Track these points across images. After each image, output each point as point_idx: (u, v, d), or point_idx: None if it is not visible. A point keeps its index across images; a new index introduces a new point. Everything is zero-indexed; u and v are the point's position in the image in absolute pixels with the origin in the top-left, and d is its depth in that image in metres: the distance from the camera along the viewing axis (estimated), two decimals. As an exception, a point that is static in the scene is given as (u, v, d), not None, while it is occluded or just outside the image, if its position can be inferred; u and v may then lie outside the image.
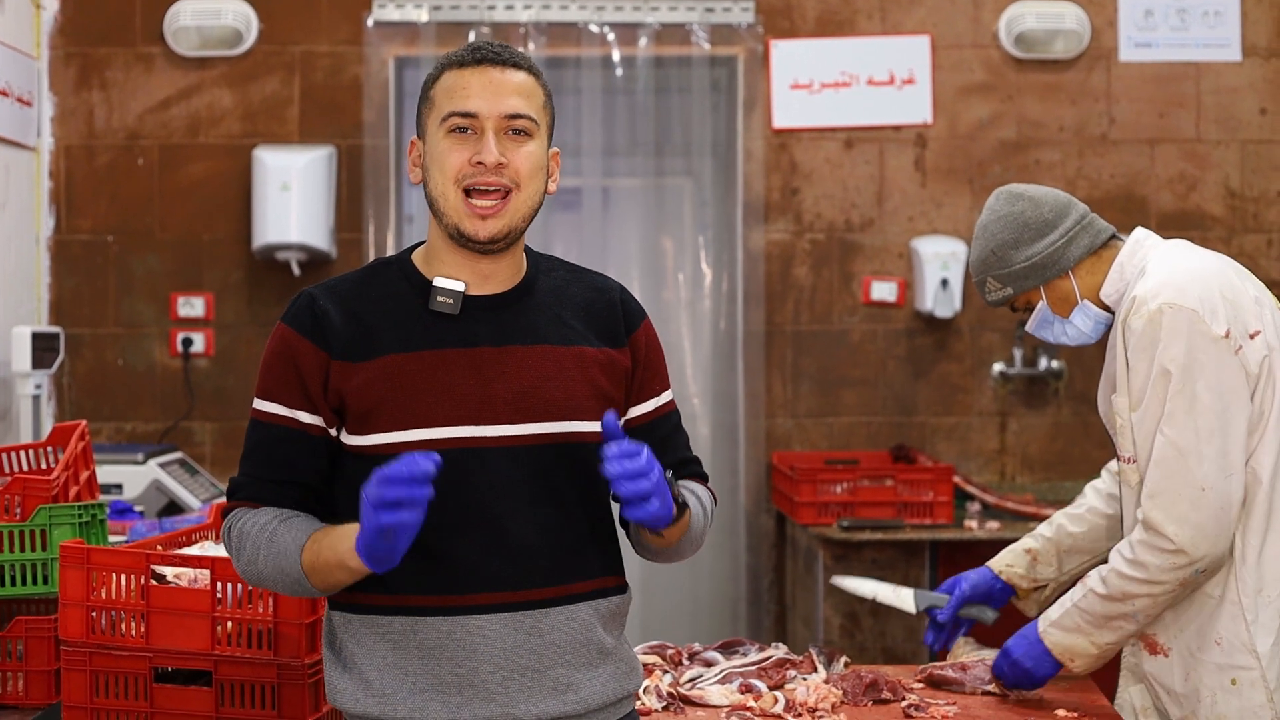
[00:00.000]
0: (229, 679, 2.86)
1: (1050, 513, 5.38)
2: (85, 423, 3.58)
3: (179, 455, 5.51)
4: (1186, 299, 2.86)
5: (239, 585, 2.86)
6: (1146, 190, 6.10)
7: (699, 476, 2.57)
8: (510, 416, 2.33)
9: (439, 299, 2.37)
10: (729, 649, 3.47)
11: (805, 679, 3.24)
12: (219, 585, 2.86)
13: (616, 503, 2.27)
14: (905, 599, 3.38)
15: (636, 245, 6.20)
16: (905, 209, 6.07)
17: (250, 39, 5.93)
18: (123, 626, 2.90)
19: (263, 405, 2.37)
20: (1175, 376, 2.83)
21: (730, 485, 6.01)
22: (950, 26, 6.07)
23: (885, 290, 6.07)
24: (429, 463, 2.09)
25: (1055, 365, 6.03)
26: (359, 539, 2.17)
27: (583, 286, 2.50)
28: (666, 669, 3.31)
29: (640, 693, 3.09)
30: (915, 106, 6.07)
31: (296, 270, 5.82)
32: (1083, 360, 6.04)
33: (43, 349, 5.35)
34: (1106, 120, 6.10)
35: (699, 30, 6.03)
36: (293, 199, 5.70)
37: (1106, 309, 3.06)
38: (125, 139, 5.95)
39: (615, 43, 6.04)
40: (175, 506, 5.14)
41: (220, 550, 3.13)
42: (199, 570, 2.93)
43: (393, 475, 2.10)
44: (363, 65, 5.97)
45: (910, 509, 5.28)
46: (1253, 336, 2.87)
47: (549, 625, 2.34)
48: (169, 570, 2.95)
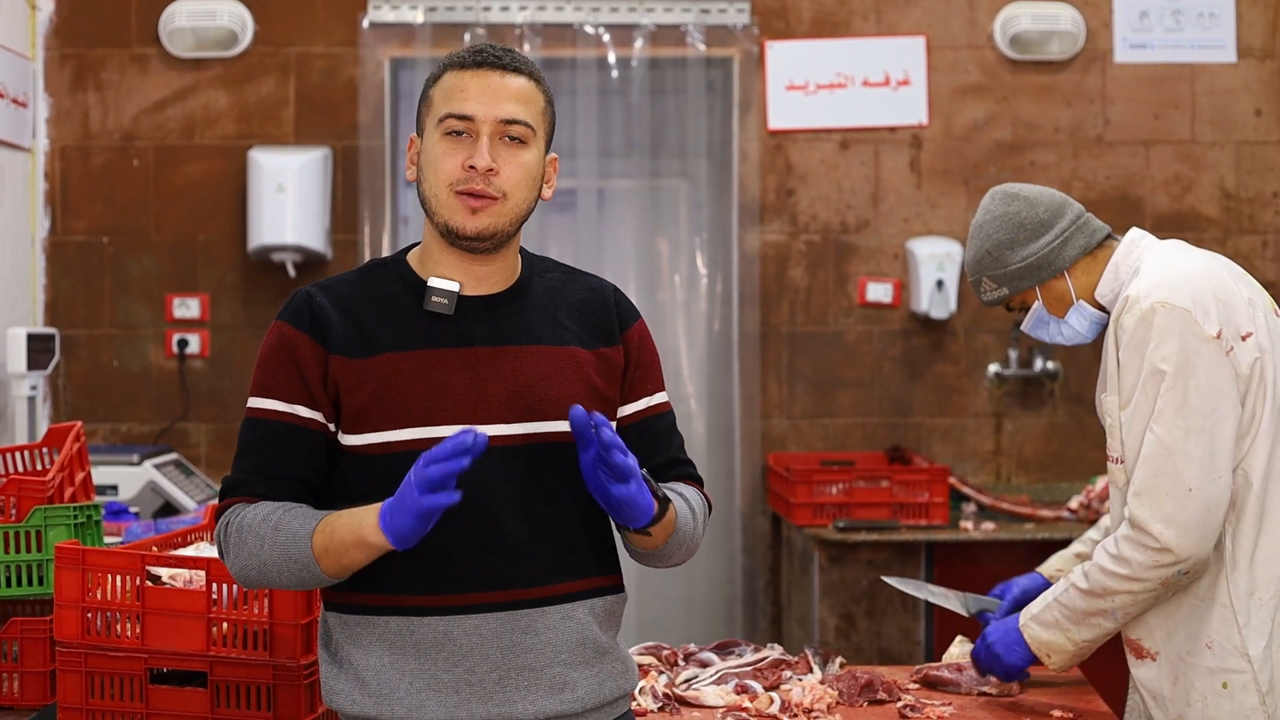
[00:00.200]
0: (224, 680, 2.86)
1: (1045, 513, 5.43)
2: (80, 424, 3.58)
3: (174, 456, 5.51)
4: (1179, 299, 2.84)
5: (235, 586, 2.86)
6: (1142, 191, 6.10)
7: (692, 479, 2.54)
8: (505, 416, 2.33)
9: (433, 299, 2.37)
10: (724, 650, 3.47)
11: (801, 680, 3.25)
12: (214, 586, 2.86)
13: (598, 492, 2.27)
14: (956, 602, 3.37)
15: (632, 246, 6.20)
16: (901, 210, 6.08)
17: (245, 40, 5.93)
18: (118, 627, 2.90)
19: (260, 403, 2.36)
20: (1167, 375, 2.81)
21: (726, 486, 6.01)
22: (945, 28, 6.08)
23: (880, 291, 6.07)
24: (469, 437, 2.09)
25: (1050, 366, 6.03)
26: (388, 519, 2.17)
27: (577, 288, 2.50)
28: (662, 670, 3.31)
29: (636, 693, 3.09)
30: (910, 108, 6.07)
31: (292, 271, 5.82)
32: (1078, 361, 6.05)
33: (38, 350, 5.35)
34: (1101, 121, 6.10)
35: (694, 31, 6.03)
36: (288, 200, 5.70)
37: (1102, 309, 3.05)
38: (120, 140, 5.95)
39: (610, 44, 6.04)
40: (170, 508, 5.14)
41: (216, 551, 3.13)
42: (194, 571, 2.93)
43: (438, 454, 2.10)
44: (358, 66, 5.97)
45: (906, 510, 5.28)
46: (1244, 338, 2.85)
47: (545, 624, 2.34)
48: (164, 571, 2.95)
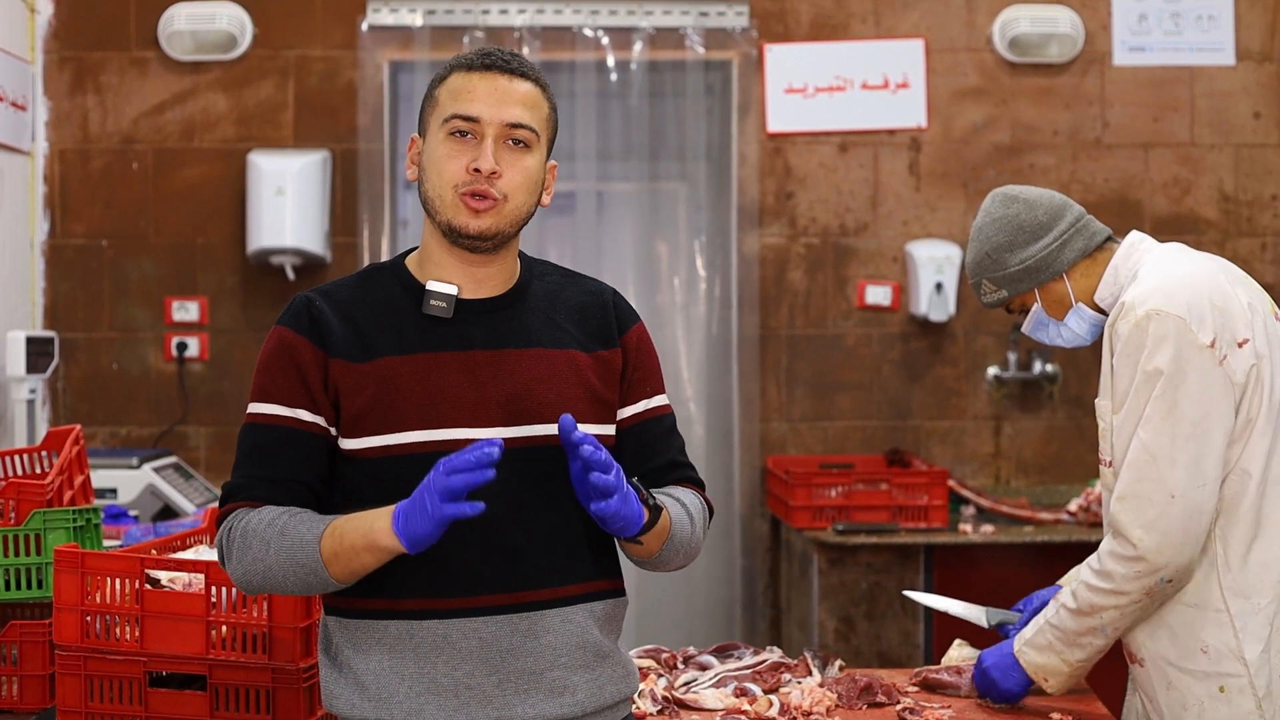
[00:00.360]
0: (223, 683, 2.86)
1: (1044, 516, 5.43)
2: (79, 427, 3.58)
3: (173, 459, 5.50)
4: (1174, 305, 2.82)
5: (234, 590, 2.86)
6: (1140, 194, 6.10)
7: (692, 482, 2.53)
8: (503, 419, 2.33)
9: (432, 302, 2.37)
10: (724, 653, 3.47)
11: (800, 682, 3.24)
12: (214, 589, 2.86)
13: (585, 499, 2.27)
14: (977, 615, 3.36)
15: (631, 250, 6.20)
16: (899, 213, 6.08)
17: (244, 43, 5.93)
18: (117, 631, 2.90)
19: (260, 408, 2.35)
20: (1159, 382, 2.80)
21: (725, 489, 6.01)
22: (944, 30, 6.08)
23: (880, 294, 6.07)
24: (494, 448, 2.10)
25: (1050, 369, 6.03)
26: (402, 522, 2.17)
27: (576, 290, 2.50)
28: (661, 673, 3.31)
29: (635, 696, 3.09)
30: (909, 110, 6.07)
31: (291, 275, 5.82)
32: (1077, 364, 6.05)
33: (37, 353, 5.35)
34: (1100, 124, 6.10)
35: (693, 34, 6.03)
36: (287, 203, 5.70)
37: (1102, 311, 3.04)
38: (120, 143, 5.95)
39: (609, 47, 6.04)
40: (170, 511, 5.13)
41: (215, 554, 3.13)
42: (194, 574, 2.93)
43: (460, 464, 2.10)
44: (357, 69, 5.97)
45: (905, 513, 5.28)
46: (1240, 345, 2.83)
47: (545, 627, 2.33)
48: (163, 574, 2.95)
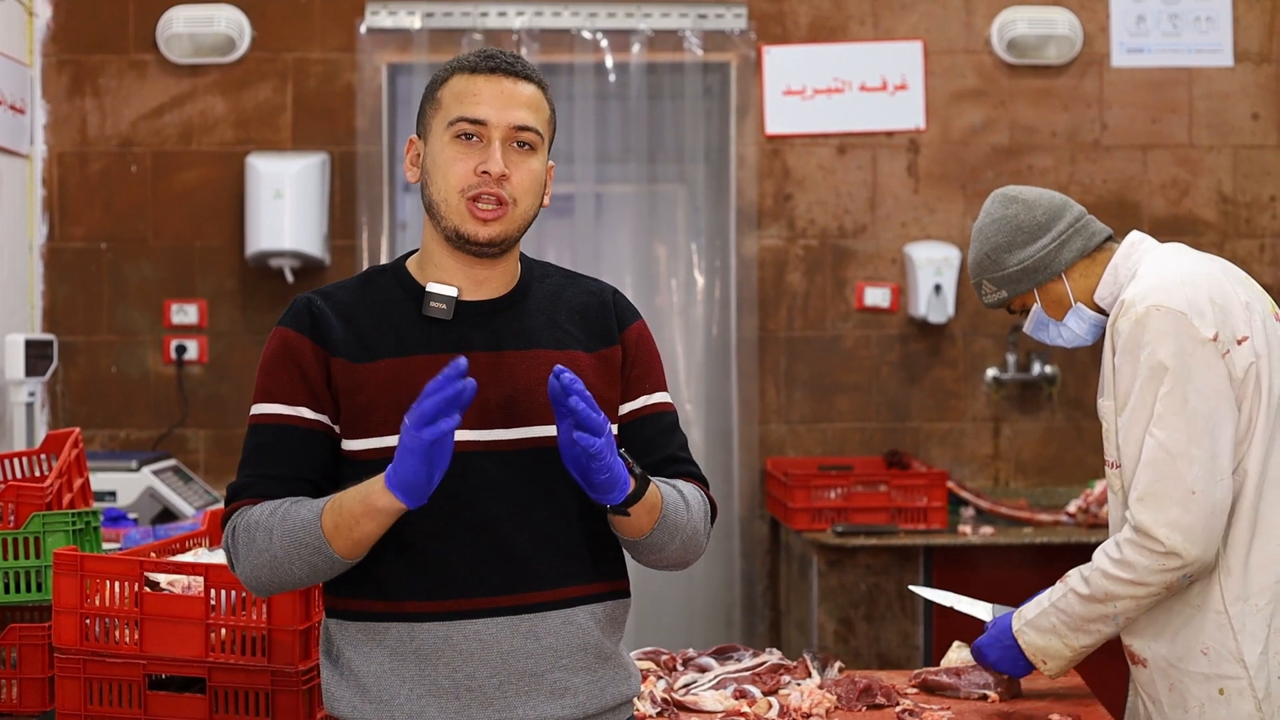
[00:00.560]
0: (223, 686, 2.86)
1: (1043, 518, 5.43)
2: (79, 430, 3.58)
3: (173, 462, 5.50)
4: (1174, 301, 2.83)
5: (233, 592, 2.86)
6: (1139, 196, 6.11)
7: (692, 477, 2.51)
8: (503, 421, 2.33)
9: (432, 304, 2.37)
10: (723, 654, 3.47)
11: (799, 684, 3.24)
12: (213, 592, 2.86)
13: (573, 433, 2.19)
14: (983, 611, 3.36)
15: (629, 251, 6.21)
16: (898, 215, 6.08)
17: (243, 46, 5.93)
18: (116, 634, 2.90)
19: (263, 408, 2.35)
20: (1165, 379, 2.79)
21: (724, 491, 6.01)
22: (942, 32, 6.08)
23: (878, 296, 6.07)
24: (462, 360, 2.08)
25: (1048, 370, 6.03)
26: (392, 471, 2.15)
27: (577, 291, 2.50)
28: (661, 675, 3.31)
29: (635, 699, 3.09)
30: (908, 112, 6.07)
31: (290, 277, 5.82)
32: (1076, 365, 6.05)
33: (36, 356, 5.35)
34: (1099, 126, 6.11)
35: (692, 36, 6.03)
36: (286, 206, 5.70)
37: (1102, 311, 3.04)
38: (118, 146, 5.95)
39: (608, 49, 6.04)
40: (169, 514, 5.13)
41: (214, 557, 3.13)
42: (193, 577, 2.92)
43: (431, 388, 2.08)
44: (355, 72, 5.97)
45: (904, 514, 5.28)
46: (1240, 342, 2.83)
47: (545, 629, 2.33)
48: (163, 577, 2.95)
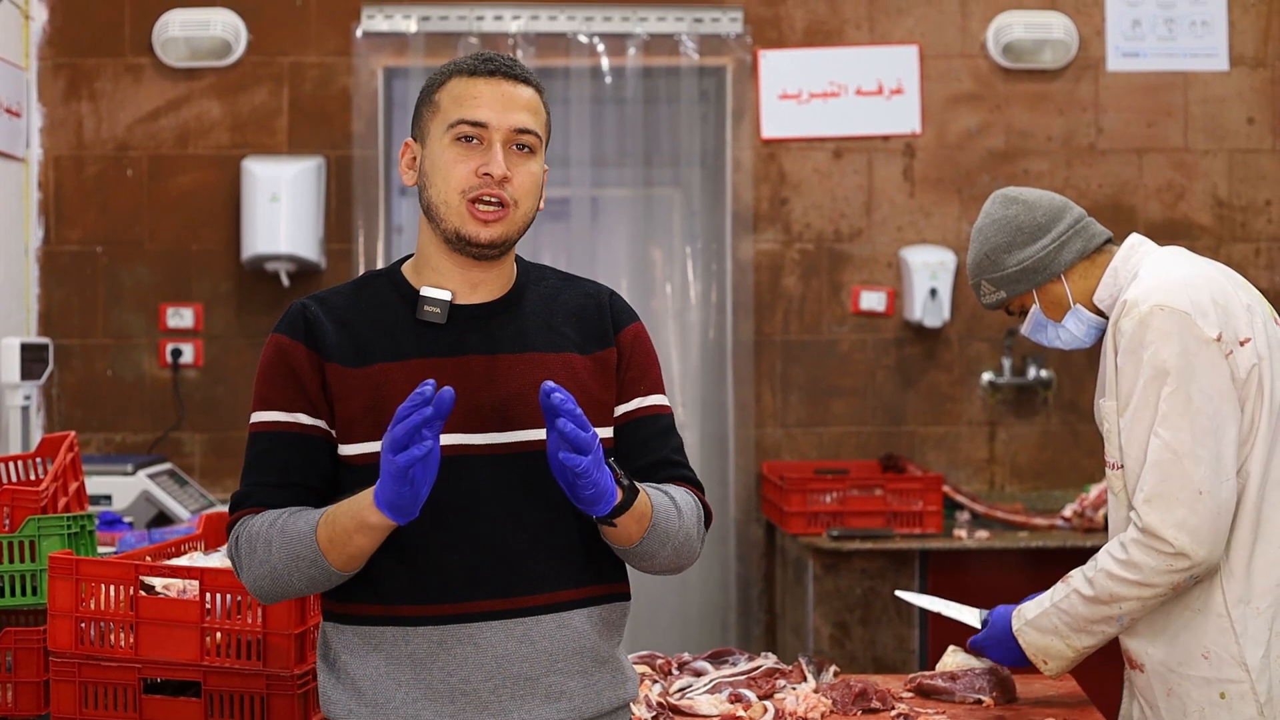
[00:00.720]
0: (218, 690, 2.86)
1: (1039, 521, 5.43)
2: (74, 434, 3.58)
3: (168, 466, 5.50)
4: (1178, 301, 2.82)
5: (228, 596, 2.86)
6: (1135, 200, 6.11)
7: (686, 481, 2.49)
8: (498, 425, 2.32)
9: (426, 308, 2.37)
10: (718, 659, 3.47)
11: (795, 688, 3.24)
12: (208, 596, 2.86)
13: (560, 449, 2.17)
14: (970, 616, 3.35)
15: (625, 255, 6.20)
16: (894, 219, 6.08)
17: (239, 50, 5.93)
18: (112, 637, 2.90)
19: (261, 416, 2.36)
20: (1169, 378, 2.79)
21: (720, 495, 6.00)
22: (938, 36, 6.09)
23: (874, 300, 6.08)
24: (425, 387, 2.08)
25: (1044, 374, 6.03)
26: (378, 491, 2.16)
27: (574, 293, 2.50)
28: (656, 679, 3.31)
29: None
30: (903, 116, 6.08)
31: (285, 281, 5.82)
32: (1071, 369, 6.05)
33: (31, 360, 5.34)
34: (1094, 130, 6.11)
35: (687, 40, 6.04)
36: (282, 210, 5.69)
37: (1100, 314, 3.03)
38: (114, 150, 5.95)
39: (604, 53, 6.04)
40: (164, 517, 5.13)
41: (210, 561, 3.13)
42: (188, 581, 2.92)
43: (399, 414, 2.09)
44: (351, 76, 5.97)
45: (899, 518, 5.28)
46: (1243, 344, 2.83)
47: (541, 633, 2.33)
48: (158, 581, 2.94)
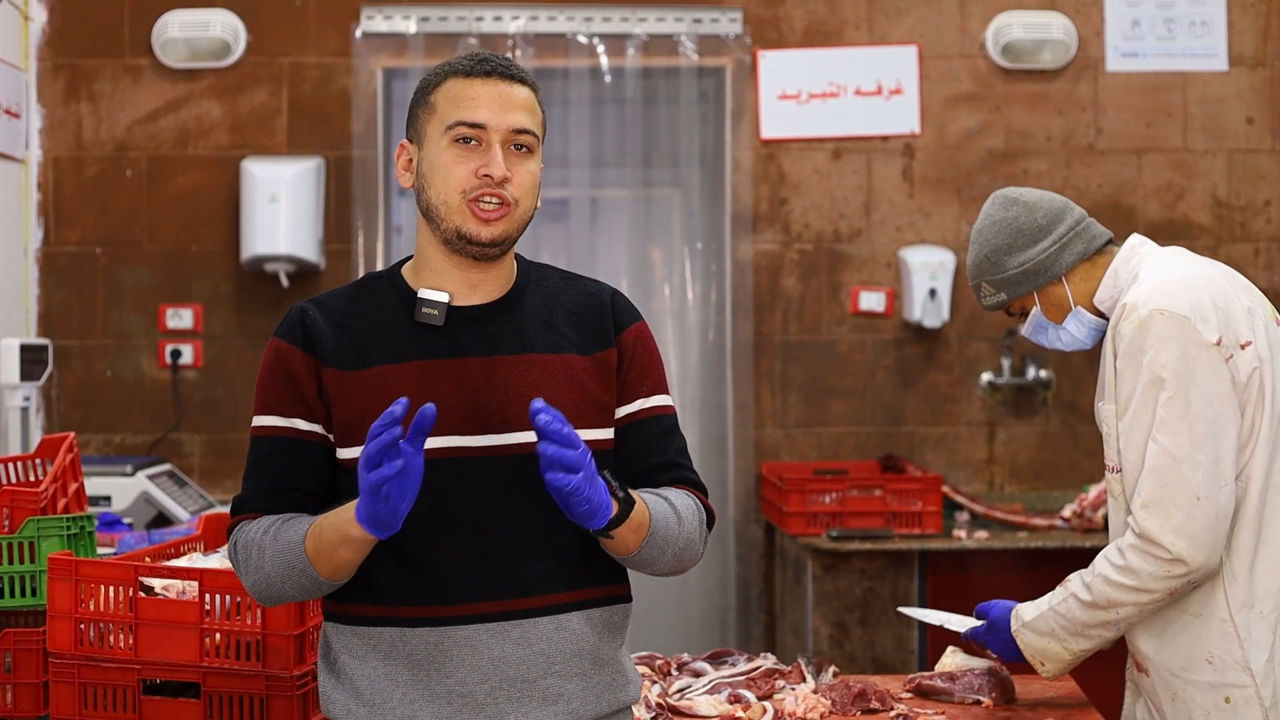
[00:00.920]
0: (217, 691, 2.86)
1: (1038, 522, 5.43)
2: (73, 435, 3.58)
3: (168, 467, 5.50)
4: (1177, 305, 2.81)
5: (227, 597, 2.86)
6: (1134, 200, 6.11)
7: (688, 483, 2.48)
8: (496, 426, 2.32)
9: (423, 310, 2.37)
10: (718, 659, 3.47)
11: (794, 689, 3.24)
12: (207, 597, 2.86)
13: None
14: (964, 626, 3.34)
15: (624, 256, 6.20)
16: (893, 219, 6.08)
17: (238, 50, 5.93)
18: (111, 639, 2.90)
19: (260, 420, 2.38)
20: (1168, 383, 2.78)
21: (719, 495, 6.00)
22: (937, 37, 6.09)
23: (873, 300, 6.08)
24: (397, 406, 2.08)
25: (1043, 375, 6.03)
26: (358, 505, 2.17)
27: (575, 293, 2.49)
28: (655, 679, 3.31)
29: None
30: (903, 117, 6.08)
31: (285, 282, 5.81)
32: (1071, 370, 6.05)
33: (31, 361, 5.34)
34: (1094, 130, 6.11)
35: (687, 41, 6.04)
36: (281, 210, 5.69)
37: (1101, 315, 3.02)
38: (113, 150, 5.95)
39: (603, 53, 6.04)
40: (164, 518, 5.13)
41: (209, 561, 3.14)
42: (187, 582, 2.93)
43: (371, 432, 2.09)
44: (351, 76, 5.97)
45: (899, 519, 5.28)
46: (1244, 347, 2.81)
47: (538, 635, 2.33)
48: (157, 582, 2.95)
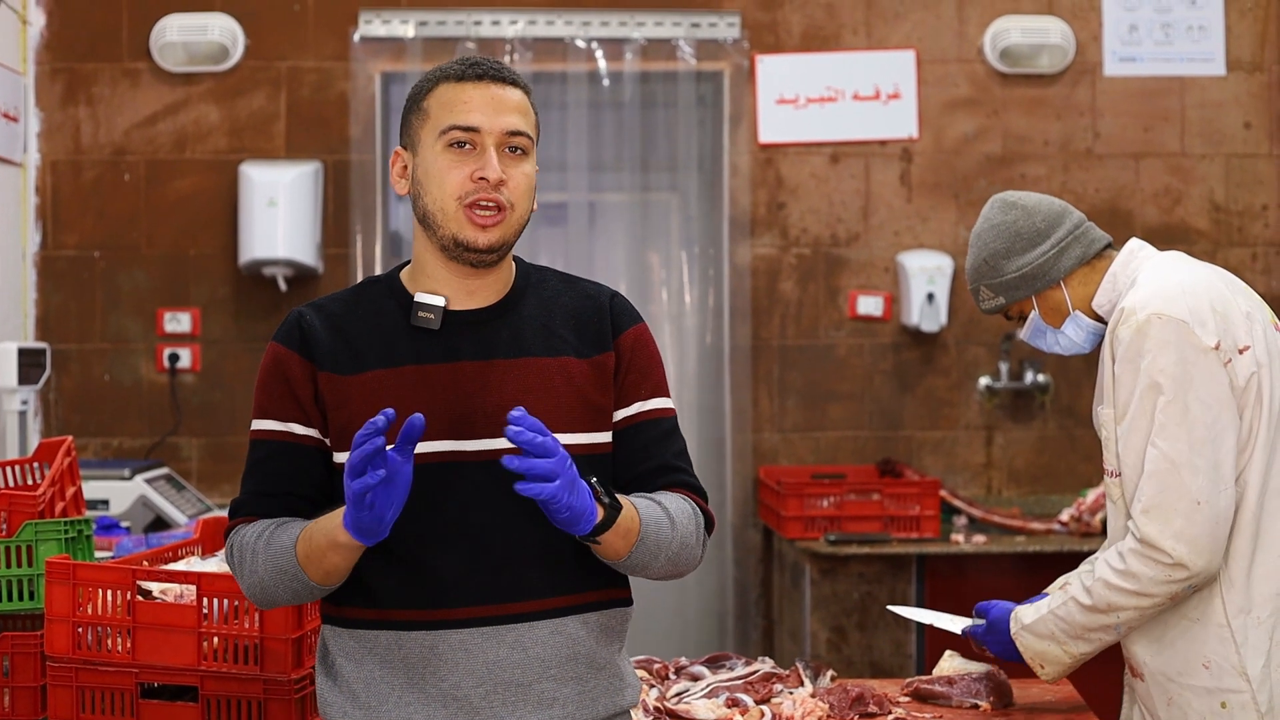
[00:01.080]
0: (215, 694, 2.86)
1: (1036, 526, 5.43)
2: (71, 438, 3.57)
3: (165, 471, 5.50)
4: (1175, 309, 2.80)
5: (225, 600, 2.86)
6: (1131, 204, 6.11)
7: (685, 486, 2.47)
8: (491, 431, 2.31)
9: (419, 314, 2.37)
10: (716, 663, 3.47)
11: (791, 693, 3.24)
12: (205, 601, 2.86)
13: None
14: (960, 626, 3.34)
15: (623, 260, 6.20)
16: (891, 223, 6.08)
17: (237, 55, 5.93)
18: (109, 642, 2.90)
19: (258, 424, 2.39)
20: (1166, 388, 2.77)
21: (717, 499, 6.00)
22: (935, 41, 6.09)
23: (871, 304, 6.08)
24: (380, 417, 2.09)
25: (1041, 379, 6.04)
26: (345, 512, 2.19)
27: (574, 295, 2.48)
28: (653, 683, 3.31)
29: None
30: (901, 121, 6.08)
31: (283, 286, 5.82)
32: (1069, 374, 6.06)
33: (29, 365, 5.34)
34: (1091, 134, 6.12)
35: (685, 45, 6.04)
36: (279, 214, 5.70)
37: (1100, 319, 3.02)
38: (112, 154, 5.95)
39: (601, 58, 6.05)
40: (162, 522, 5.13)
41: (206, 566, 3.14)
42: (185, 586, 2.93)
43: (355, 441, 2.12)
44: (349, 81, 5.97)
45: (897, 523, 5.28)
46: (1242, 351, 2.81)
47: (533, 639, 2.33)
48: (155, 586, 2.95)
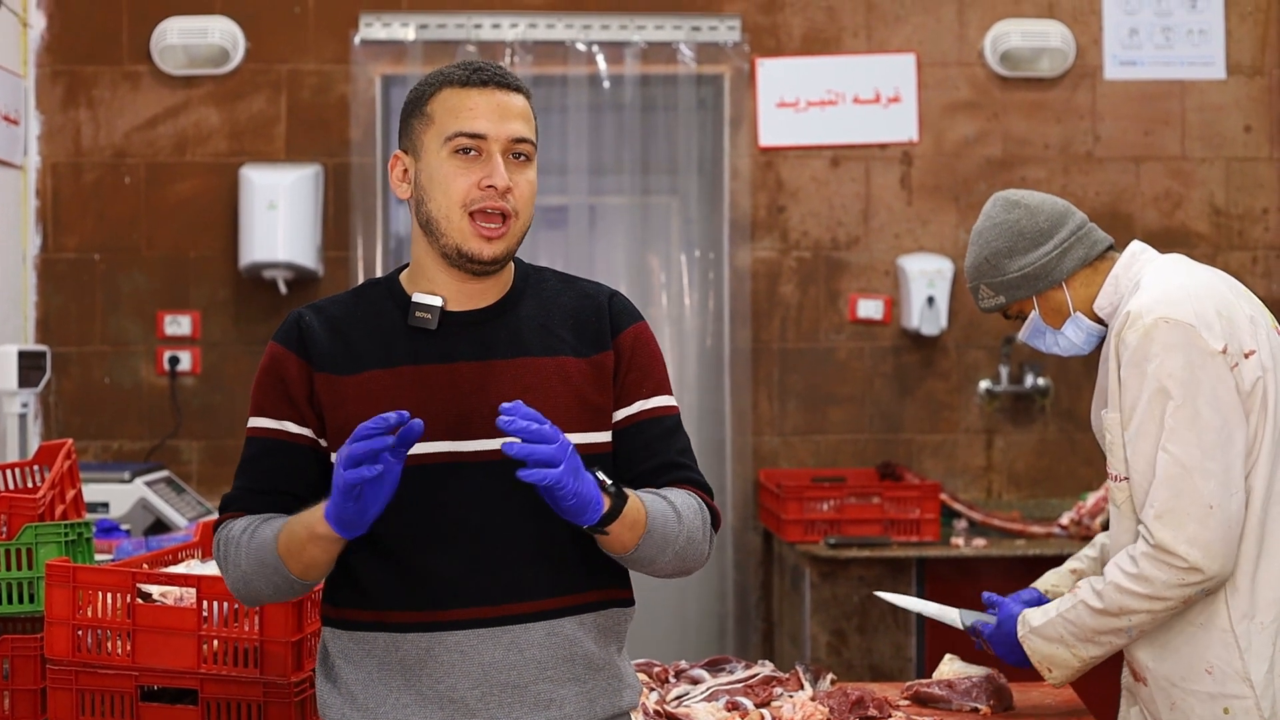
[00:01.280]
0: (215, 697, 2.86)
1: (1036, 530, 5.43)
2: (71, 441, 3.57)
3: (165, 474, 5.50)
4: (1182, 313, 2.80)
5: (225, 603, 2.87)
6: (1132, 208, 6.12)
7: (690, 483, 2.48)
8: (488, 431, 2.31)
9: (417, 315, 2.37)
10: (715, 666, 3.47)
11: (791, 696, 3.24)
12: (205, 604, 2.86)
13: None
14: (951, 616, 3.34)
15: (623, 263, 6.20)
16: (891, 227, 6.09)
17: (237, 57, 5.93)
18: (109, 645, 2.90)
19: (253, 422, 2.40)
20: (1175, 392, 2.76)
21: (717, 502, 5.95)
22: (936, 45, 6.09)
23: (871, 308, 6.08)
24: (392, 414, 2.10)
25: (1041, 382, 6.03)
26: (328, 504, 2.18)
27: (573, 295, 2.48)
28: (653, 686, 3.31)
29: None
30: (901, 124, 6.08)
31: (283, 289, 5.82)
32: (1069, 377, 6.06)
33: (29, 367, 5.34)
34: (1092, 138, 6.12)
35: (685, 49, 6.04)
36: (279, 217, 5.70)
37: (1100, 321, 3.02)
38: (112, 157, 5.95)
39: (602, 61, 6.05)
40: (162, 525, 5.13)
41: (206, 569, 3.14)
42: (185, 589, 2.93)
43: (360, 432, 2.11)
44: (349, 83, 5.97)
45: (897, 526, 5.27)
46: (1248, 355, 2.81)
47: (530, 640, 2.33)
48: (155, 589, 2.95)
